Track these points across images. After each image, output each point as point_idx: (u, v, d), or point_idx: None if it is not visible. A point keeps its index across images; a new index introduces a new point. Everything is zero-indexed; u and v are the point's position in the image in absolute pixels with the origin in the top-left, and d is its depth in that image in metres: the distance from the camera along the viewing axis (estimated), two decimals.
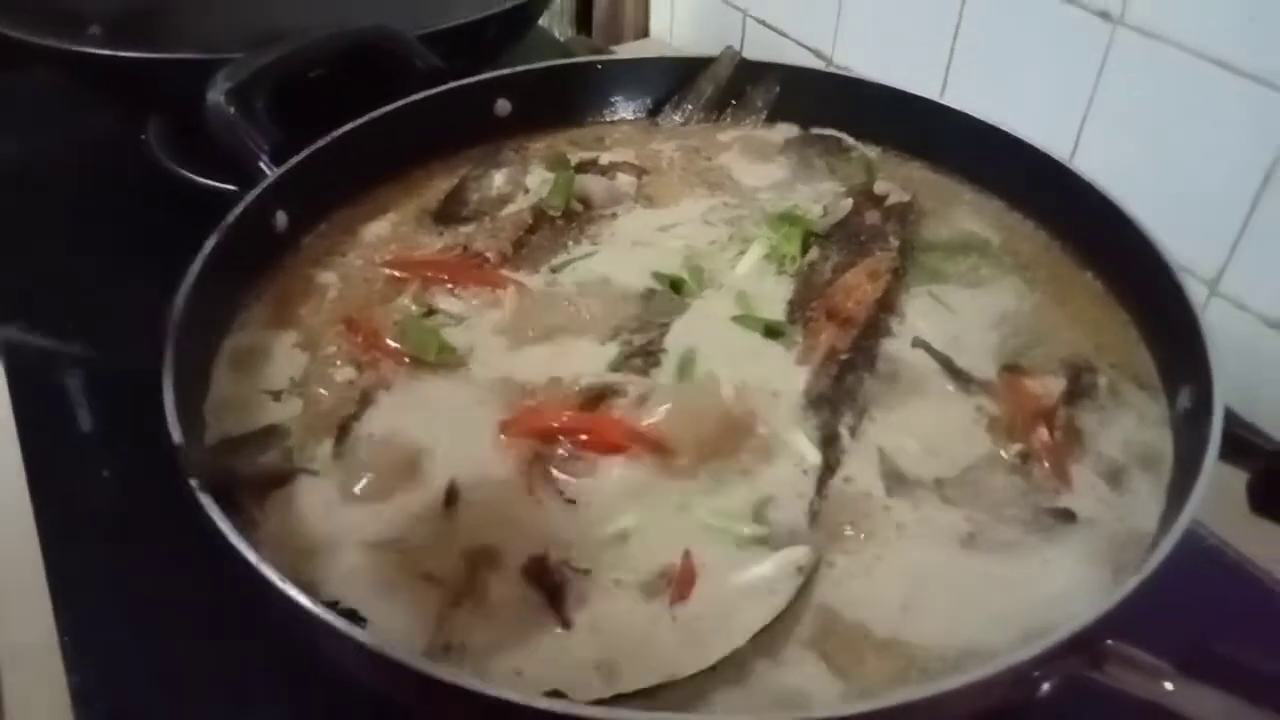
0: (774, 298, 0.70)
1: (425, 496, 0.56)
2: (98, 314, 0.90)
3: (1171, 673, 0.43)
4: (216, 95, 0.72)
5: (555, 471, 0.57)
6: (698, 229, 0.77)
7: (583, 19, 1.58)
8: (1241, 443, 0.55)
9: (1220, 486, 0.53)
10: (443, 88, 0.81)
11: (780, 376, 0.63)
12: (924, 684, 0.41)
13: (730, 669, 0.47)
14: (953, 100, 0.82)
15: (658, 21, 1.55)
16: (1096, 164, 0.73)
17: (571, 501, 0.56)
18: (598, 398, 0.61)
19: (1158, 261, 0.64)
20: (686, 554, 0.52)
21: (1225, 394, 0.54)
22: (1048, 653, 0.43)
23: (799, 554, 0.52)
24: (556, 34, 1.55)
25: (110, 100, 1.05)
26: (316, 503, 0.56)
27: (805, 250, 0.73)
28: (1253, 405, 0.79)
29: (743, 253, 0.73)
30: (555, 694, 0.45)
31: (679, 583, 0.51)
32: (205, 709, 0.62)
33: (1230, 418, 0.54)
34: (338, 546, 0.54)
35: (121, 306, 0.88)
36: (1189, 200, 0.89)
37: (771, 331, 0.66)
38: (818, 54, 1.25)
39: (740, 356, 0.65)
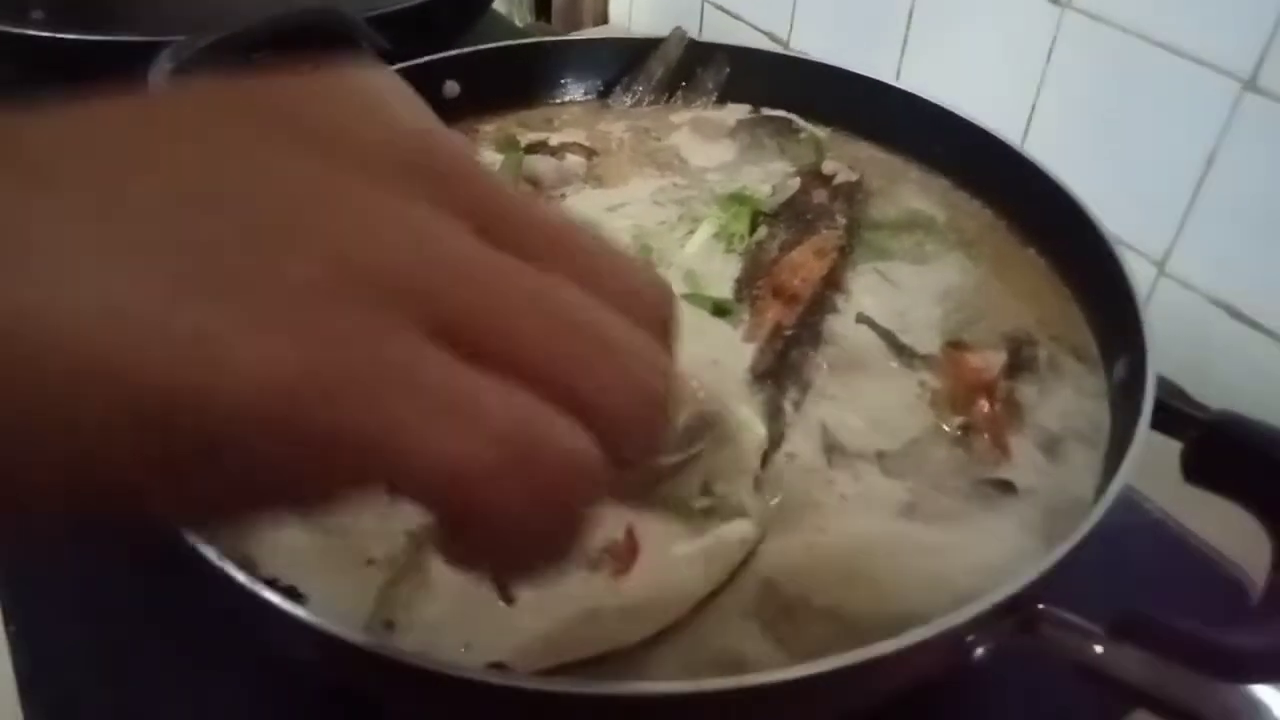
0: (722, 276, 0.70)
1: None
2: None
3: (1102, 636, 0.44)
4: (158, 77, 0.72)
5: None
6: (647, 209, 0.77)
7: (542, 5, 1.58)
8: (1179, 415, 0.56)
9: (1161, 460, 0.54)
10: (389, 69, 0.80)
11: (726, 353, 0.63)
12: (858, 650, 0.42)
13: (672, 638, 0.48)
14: (909, 83, 0.82)
15: (616, 7, 1.55)
16: (1048, 145, 0.74)
17: None
18: None
19: (1097, 237, 0.65)
20: (629, 530, 0.52)
21: (1159, 363, 0.55)
22: (981, 616, 0.43)
23: (742, 526, 0.52)
24: (516, 20, 1.54)
25: (54, 84, 1.03)
26: None
27: (753, 229, 0.73)
28: (1201, 384, 0.80)
29: (692, 232, 0.74)
30: (496, 666, 0.45)
31: (620, 557, 0.51)
32: (153, 696, 0.62)
33: (1173, 392, 0.55)
34: (280, 526, 0.53)
35: None
36: (1137, 181, 0.90)
37: (719, 309, 0.67)
38: (774, 38, 1.25)
39: (687, 334, 0.64)
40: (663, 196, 0.78)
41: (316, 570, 0.51)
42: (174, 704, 0.62)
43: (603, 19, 1.57)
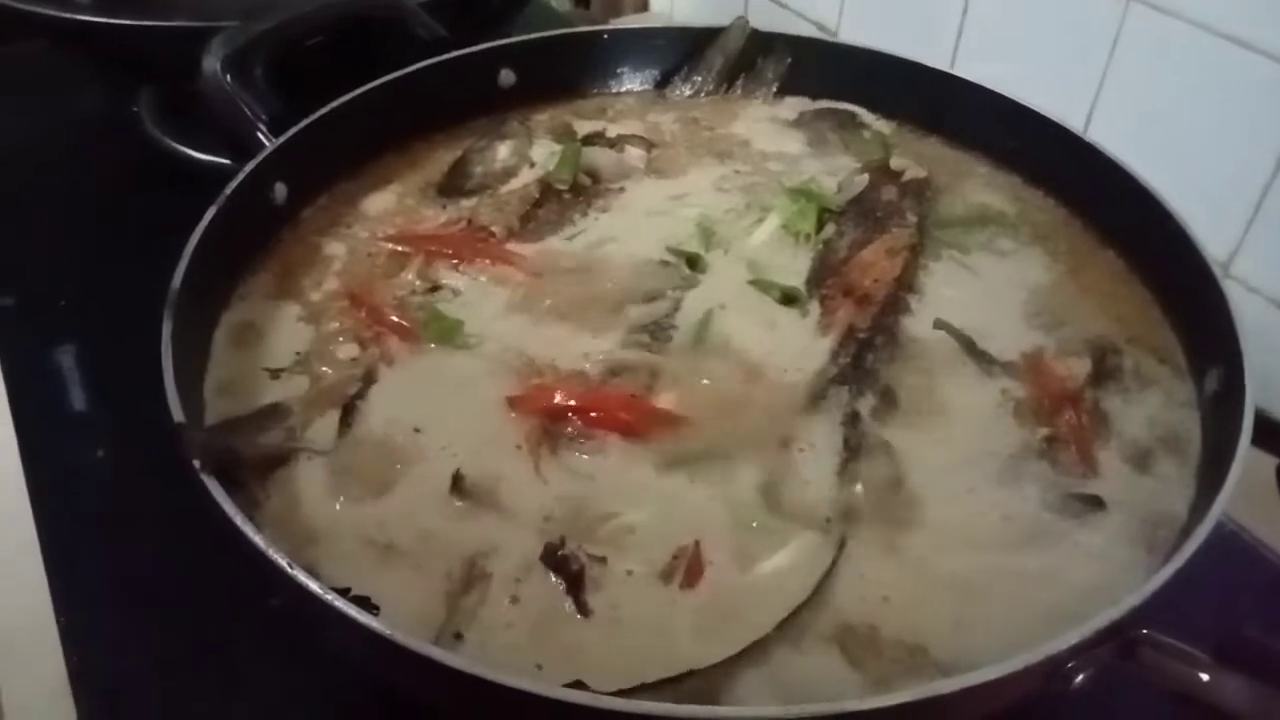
0: (789, 269, 0.68)
1: (429, 481, 0.54)
2: (90, 290, 0.89)
3: (1207, 662, 0.42)
4: (212, 63, 0.70)
5: (563, 450, 0.55)
6: (711, 197, 0.75)
7: None
8: (1269, 426, 0.54)
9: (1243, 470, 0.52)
10: (445, 56, 0.78)
11: (797, 351, 0.61)
12: (960, 676, 0.40)
13: (753, 658, 0.46)
14: (965, 75, 0.80)
15: None
16: (1108, 142, 0.71)
17: (582, 481, 0.54)
18: (609, 374, 0.59)
19: (1183, 239, 0.62)
20: (695, 544, 0.50)
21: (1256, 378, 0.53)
22: (1082, 644, 0.41)
23: (818, 540, 0.51)
24: (555, 6, 1.52)
25: (103, 71, 1.03)
26: (319, 484, 0.54)
27: (820, 227, 0.71)
28: (1264, 389, 0.78)
29: (760, 220, 0.71)
30: (577, 684, 0.44)
31: (688, 571, 0.49)
32: (202, 689, 0.61)
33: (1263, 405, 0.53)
34: (340, 530, 0.52)
35: (114, 282, 0.86)
36: (1202, 180, 0.87)
37: (788, 298, 0.65)
38: (822, 28, 1.23)
39: (756, 328, 0.63)
40: (726, 184, 0.76)
41: (378, 574, 0.50)
42: (224, 703, 0.61)
43: (643, 6, 1.54)
